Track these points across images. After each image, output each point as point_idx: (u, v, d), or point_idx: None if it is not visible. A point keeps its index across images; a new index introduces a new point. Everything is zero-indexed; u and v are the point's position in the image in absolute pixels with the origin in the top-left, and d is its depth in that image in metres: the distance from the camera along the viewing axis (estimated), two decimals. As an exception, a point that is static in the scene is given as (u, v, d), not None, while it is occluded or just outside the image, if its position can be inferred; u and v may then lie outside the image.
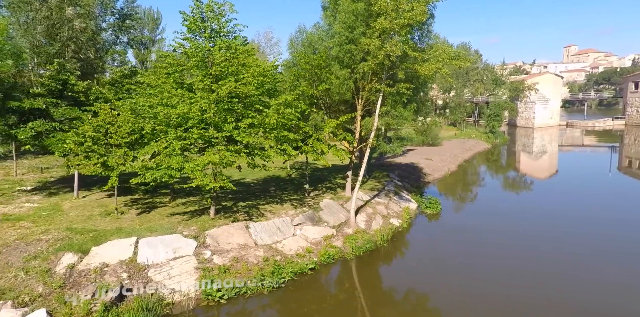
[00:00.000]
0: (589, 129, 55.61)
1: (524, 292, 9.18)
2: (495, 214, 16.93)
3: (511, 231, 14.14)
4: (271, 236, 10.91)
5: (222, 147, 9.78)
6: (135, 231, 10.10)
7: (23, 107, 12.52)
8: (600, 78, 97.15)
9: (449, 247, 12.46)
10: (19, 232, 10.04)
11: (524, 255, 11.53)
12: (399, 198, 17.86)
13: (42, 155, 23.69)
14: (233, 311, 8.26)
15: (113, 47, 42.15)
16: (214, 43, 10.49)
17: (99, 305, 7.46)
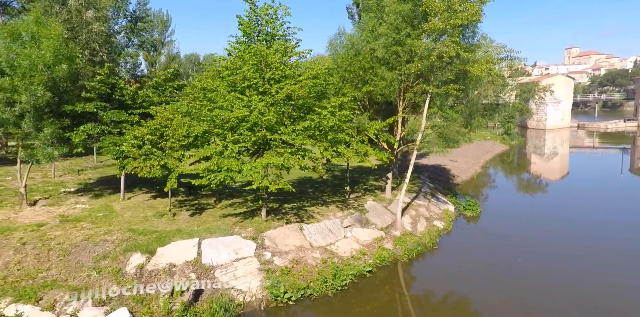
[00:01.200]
0: (601, 130, 55.33)
1: (583, 299, 9.17)
2: (535, 217, 16.85)
3: (557, 235, 14.07)
4: (324, 238, 11.15)
5: (282, 150, 10.07)
6: (194, 232, 10.48)
7: (76, 110, 13.09)
8: (605, 79, 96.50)
9: (498, 251, 12.49)
10: (83, 233, 10.54)
11: (575, 261, 11.49)
12: (436, 200, 17.91)
13: (71, 157, 24.49)
14: (302, 312, 8.51)
15: (125, 50, 43.48)
16: (270, 46, 10.80)
17: (178, 305, 7.82)
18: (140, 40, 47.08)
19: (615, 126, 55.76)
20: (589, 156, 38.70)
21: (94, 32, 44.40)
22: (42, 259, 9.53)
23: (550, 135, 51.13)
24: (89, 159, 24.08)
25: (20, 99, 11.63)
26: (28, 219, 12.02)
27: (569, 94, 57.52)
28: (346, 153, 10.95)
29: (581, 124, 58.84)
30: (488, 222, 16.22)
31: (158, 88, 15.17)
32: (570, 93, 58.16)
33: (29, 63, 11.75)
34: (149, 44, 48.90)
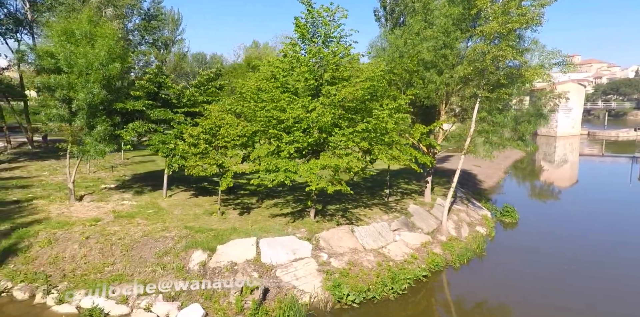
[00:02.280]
0: (612, 139, 55.21)
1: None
2: (572, 224, 16.89)
3: (599, 242, 14.11)
4: (375, 241, 11.40)
5: (341, 151, 10.35)
6: (250, 231, 10.84)
7: (126, 108, 13.62)
8: (608, 88, 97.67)
9: (546, 259, 12.55)
10: (140, 229, 11.00)
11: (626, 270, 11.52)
12: (472, 205, 18.01)
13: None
14: (366, 316, 8.75)
15: (138, 48, 44.41)
16: (327, 48, 11.08)
17: (250, 303, 8.17)
18: (153, 39, 48.17)
19: (626, 135, 56.23)
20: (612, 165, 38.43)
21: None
22: (106, 253, 10.02)
23: (561, 142, 51.55)
24: (115, 156, 24.68)
25: (77, 97, 12.18)
26: (81, 214, 12.56)
27: (580, 102, 57.82)
28: (401, 156, 11.17)
29: (591, 132, 59.29)
30: (528, 229, 16.25)
31: (200, 87, 15.63)
32: (581, 101, 58.52)
33: (85, 61, 12.30)
34: (161, 42, 49.95)
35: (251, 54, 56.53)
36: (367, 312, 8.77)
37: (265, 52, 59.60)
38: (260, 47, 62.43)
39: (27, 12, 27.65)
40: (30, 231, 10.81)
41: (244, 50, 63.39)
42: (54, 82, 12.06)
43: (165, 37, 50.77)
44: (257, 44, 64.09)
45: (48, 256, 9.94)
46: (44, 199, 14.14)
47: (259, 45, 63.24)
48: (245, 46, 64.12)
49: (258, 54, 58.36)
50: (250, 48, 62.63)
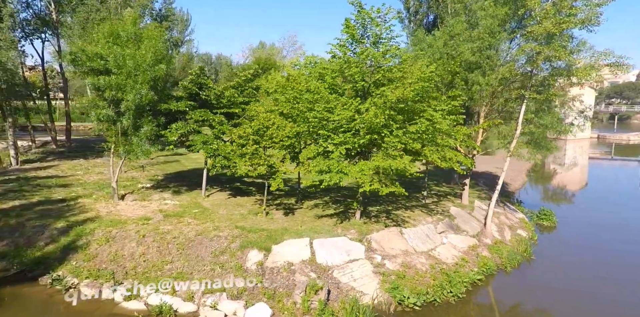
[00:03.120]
0: (623, 142, 55.12)
1: None
2: (613, 228, 16.78)
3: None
4: (424, 243, 11.57)
5: (396, 153, 10.53)
6: (300, 232, 11.11)
7: (170, 109, 14.03)
8: (612, 92, 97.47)
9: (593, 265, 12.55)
10: (192, 228, 11.36)
11: None
12: (507, 208, 18.05)
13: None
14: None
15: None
16: (378, 49, 11.23)
17: (316, 303, 8.42)
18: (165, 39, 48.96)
19: (637, 138, 56.32)
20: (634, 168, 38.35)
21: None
22: (163, 251, 10.40)
23: (571, 145, 51.39)
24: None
25: (127, 97, 12.61)
26: (129, 212, 13.00)
27: (591, 105, 57.61)
28: (453, 158, 11.31)
29: (601, 135, 59.17)
30: (570, 233, 16.23)
31: (238, 88, 15.98)
32: (592, 103, 58.25)
33: (134, 63, 12.72)
34: (172, 42, 50.78)
35: (261, 55, 57.05)
36: (428, 315, 8.94)
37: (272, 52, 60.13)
38: (266, 48, 63.02)
39: (52, 12, 28.45)
40: (87, 229, 11.26)
41: (251, 51, 64.05)
42: (103, 83, 12.51)
43: (176, 38, 51.59)
44: (263, 44, 64.63)
45: (108, 254, 10.36)
46: (87, 198, 14.64)
47: (266, 46, 63.81)
48: (252, 47, 64.69)
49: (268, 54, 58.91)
50: (257, 49, 63.21)
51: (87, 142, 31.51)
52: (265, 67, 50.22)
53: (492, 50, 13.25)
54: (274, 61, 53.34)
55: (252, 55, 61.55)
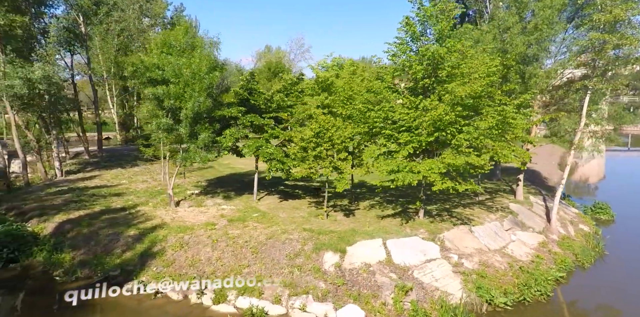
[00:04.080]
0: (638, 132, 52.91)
1: None
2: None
3: None
4: (495, 241, 11.53)
5: (467, 150, 10.56)
6: (370, 233, 11.24)
7: (223, 115, 14.41)
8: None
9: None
10: (261, 232, 11.63)
11: None
12: (560, 203, 17.76)
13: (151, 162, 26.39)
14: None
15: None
16: (442, 45, 11.21)
17: (408, 304, 8.53)
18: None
19: None
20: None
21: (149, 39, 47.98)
22: (238, 255, 10.68)
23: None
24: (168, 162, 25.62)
25: (186, 106, 13.03)
26: (192, 218, 13.39)
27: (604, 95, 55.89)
28: (526, 154, 11.23)
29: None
30: (632, 227, 15.84)
31: (284, 92, 16.27)
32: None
33: (190, 71, 13.14)
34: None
35: (271, 59, 57.84)
36: (521, 315, 8.91)
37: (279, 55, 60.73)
38: (272, 51, 63.70)
39: (81, 25, 29.53)
40: (159, 236, 11.66)
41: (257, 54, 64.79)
42: (162, 92, 12.96)
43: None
44: (269, 48, 65.42)
45: (185, 259, 10.71)
46: (145, 206, 15.13)
47: (272, 50, 64.53)
48: (260, 51, 65.37)
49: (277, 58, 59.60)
50: (264, 53, 63.93)
51: (117, 152, 32.45)
52: (276, 70, 51.00)
53: (550, 42, 13.14)
54: (284, 65, 54.10)
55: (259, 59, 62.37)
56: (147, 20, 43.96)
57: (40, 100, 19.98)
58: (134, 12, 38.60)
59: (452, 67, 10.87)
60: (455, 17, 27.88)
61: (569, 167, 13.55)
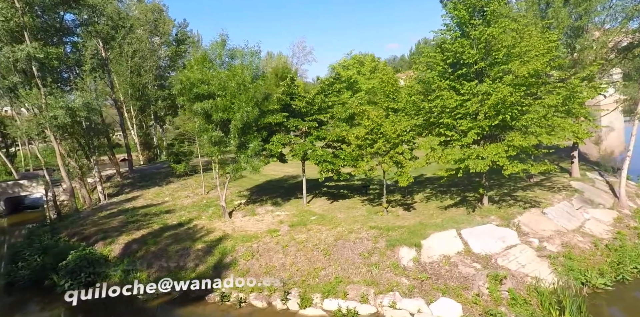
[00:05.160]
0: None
1: None
2: None
3: None
4: (570, 221, 11.18)
5: (538, 129, 10.22)
6: (440, 224, 11.08)
7: (270, 122, 14.52)
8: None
9: None
10: (328, 234, 11.61)
11: None
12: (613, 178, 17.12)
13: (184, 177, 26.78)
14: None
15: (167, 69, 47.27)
16: (494, 26, 10.83)
17: (506, 292, 8.33)
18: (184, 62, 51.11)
19: None
20: None
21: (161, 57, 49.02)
22: (311, 259, 10.69)
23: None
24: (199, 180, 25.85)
25: (235, 117, 13.18)
26: (251, 227, 13.51)
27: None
28: (580, 128, 10.80)
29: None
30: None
31: (322, 93, 16.29)
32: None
33: (236, 83, 13.31)
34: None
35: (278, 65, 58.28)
36: (624, 295, 8.57)
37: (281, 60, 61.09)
38: (274, 58, 64.08)
39: (102, 50, 30.51)
40: (227, 247, 11.81)
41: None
42: (210, 106, 13.17)
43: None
44: (271, 55, 65.87)
45: (259, 267, 10.79)
46: (199, 219, 15.38)
47: (273, 56, 64.94)
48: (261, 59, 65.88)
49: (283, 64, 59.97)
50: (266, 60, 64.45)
51: (146, 171, 32.94)
52: (283, 75, 51.34)
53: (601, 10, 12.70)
54: (290, 69, 54.49)
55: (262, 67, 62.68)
56: (157, 39, 45.18)
57: (80, 128, 20.70)
58: (145, 33, 39.66)
59: (508, 47, 10.57)
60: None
61: (634, 137, 13.03)
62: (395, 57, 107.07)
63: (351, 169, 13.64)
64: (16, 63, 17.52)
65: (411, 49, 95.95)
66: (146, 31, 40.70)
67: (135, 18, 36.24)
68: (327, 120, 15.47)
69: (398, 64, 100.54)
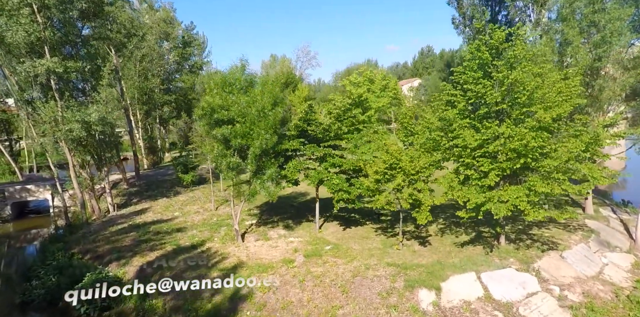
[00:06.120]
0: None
1: None
2: None
3: None
4: (589, 266, 11.16)
5: (559, 175, 10.26)
6: (459, 265, 11.05)
7: (287, 148, 14.57)
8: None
9: None
10: (345, 269, 11.57)
11: None
12: (627, 212, 17.09)
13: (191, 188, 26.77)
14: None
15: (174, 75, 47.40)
16: (516, 70, 10.84)
17: None
18: (189, 64, 51.32)
19: None
20: None
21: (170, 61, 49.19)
22: (329, 295, 10.64)
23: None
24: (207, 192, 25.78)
25: (254, 144, 13.23)
26: (265, 254, 13.48)
27: None
28: (608, 171, 10.84)
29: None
30: None
31: (338, 119, 16.36)
32: None
33: (256, 110, 13.37)
34: (197, 67, 53.04)
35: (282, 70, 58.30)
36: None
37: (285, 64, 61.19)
38: (278, 60, 64.22)
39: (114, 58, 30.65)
40: (243, 277, 11.77)
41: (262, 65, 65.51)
42: (230, 132, 13.21)
43: (201, 62, 53.87)
44: (274, 57, 66.00)
45: (276, 301, 10.74)
46: (211, 241, 15.34)
47: (277, 59, 65.11)
48: (264, 61, 66.02)
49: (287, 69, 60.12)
50: (270, 62, 64.57)
51: (151, 178, 32.66)
52: (287, 81, 51.42)
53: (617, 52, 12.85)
54: (294, 75, 54.40)
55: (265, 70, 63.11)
56: (166, 44, 45.42)
57: (93, 140, 20.77)
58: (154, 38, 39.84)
59: (531, 90, 10.68)
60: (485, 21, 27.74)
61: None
62: (398, 64, 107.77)
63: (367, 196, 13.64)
64: (36, 78, 17.66)
65: (414, 57, 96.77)
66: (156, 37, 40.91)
67: (148, 27, 36.49)
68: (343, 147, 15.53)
69: (401, 71, 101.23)
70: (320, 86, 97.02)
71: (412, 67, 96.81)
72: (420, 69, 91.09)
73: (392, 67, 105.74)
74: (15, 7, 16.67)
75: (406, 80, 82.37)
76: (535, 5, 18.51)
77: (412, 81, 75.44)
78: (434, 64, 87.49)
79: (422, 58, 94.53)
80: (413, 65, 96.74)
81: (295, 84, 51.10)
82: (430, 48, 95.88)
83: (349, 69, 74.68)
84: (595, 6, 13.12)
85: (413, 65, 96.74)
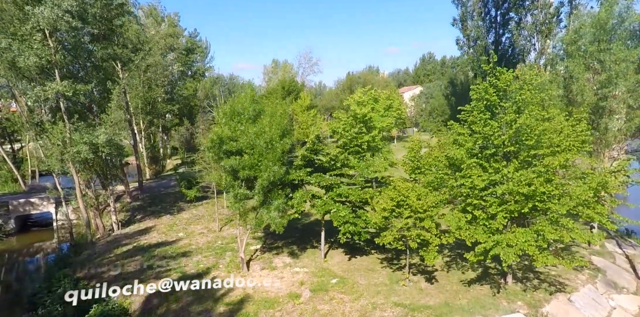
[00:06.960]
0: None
1: None
2: None
3: None
4: (597, 311, 11.16)
5: (566, 221, 10.34)
6: (466, 308, 11.05)
7: (292, 178, 14.68)
8: None
9: None
10: (351, 308, 11.59)
11: None
12: (630, 243, 17.10)
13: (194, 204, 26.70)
14: None
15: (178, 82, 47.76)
16: (525, 111, 10.90)
17: None
18: (193, 71, 51.60)
19: None
20: None
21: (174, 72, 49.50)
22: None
23: None
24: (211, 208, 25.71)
25: (262, 176, 13.33)
26: (270, 286, 13.46)
27: None
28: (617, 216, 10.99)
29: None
30: None
31: (344, 147, 16.49)
32: None
33: (264, 141, 13.50)
34: (199, 73, 53.30)
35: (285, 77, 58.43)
36: None
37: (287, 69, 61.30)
38: (280, 65, 64.44)
39: (119, 72, 30.92)
40: (250, 314, 11.76)
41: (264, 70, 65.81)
42: (238, 163, 13.32)
43: (204, 68, 54.14)
44: (276, 62, 66.18)
45: (284, 343, 10.76)
46: (217, 269, 15.34)
47: (279, 64, 65.34)
48: (266, 67, 66.26)
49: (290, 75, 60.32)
50: (272, 68, 64.71)
51: (154, 190, 32.52)
52: (290, 89, 51.56)
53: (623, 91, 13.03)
54: (296, 82, 54.42)
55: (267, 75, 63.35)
56: (171, 55, 45.76)
57: (100, 160, 20.89)
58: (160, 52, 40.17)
59: (538, 135, 10.80)
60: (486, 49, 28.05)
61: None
62: (399, 71, 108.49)
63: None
64: (46, 101, 17.86)
65: (416, 63, 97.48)
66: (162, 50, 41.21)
67: (154, 41, 36.83)
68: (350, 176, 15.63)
69: (402, 77, 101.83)
70: (322, 90, 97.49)
71: (414, 74, 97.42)
72: (422, 76, 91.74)
73: (394, 73, 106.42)
74: (27, 33, 16.95)
75: (407, 87, 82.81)
76: (540, 35, 18.77)
77: (413, 88, 75.83)
78: (434, 71, 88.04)
79: (424, 65, 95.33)
80: (414, 72, 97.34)
81: (298, 92, 51.09)
82: (432, 55, 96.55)
83: (350, 77, 75.11)
84: (600, 46, 13.33)
85: (414, 72, 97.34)
